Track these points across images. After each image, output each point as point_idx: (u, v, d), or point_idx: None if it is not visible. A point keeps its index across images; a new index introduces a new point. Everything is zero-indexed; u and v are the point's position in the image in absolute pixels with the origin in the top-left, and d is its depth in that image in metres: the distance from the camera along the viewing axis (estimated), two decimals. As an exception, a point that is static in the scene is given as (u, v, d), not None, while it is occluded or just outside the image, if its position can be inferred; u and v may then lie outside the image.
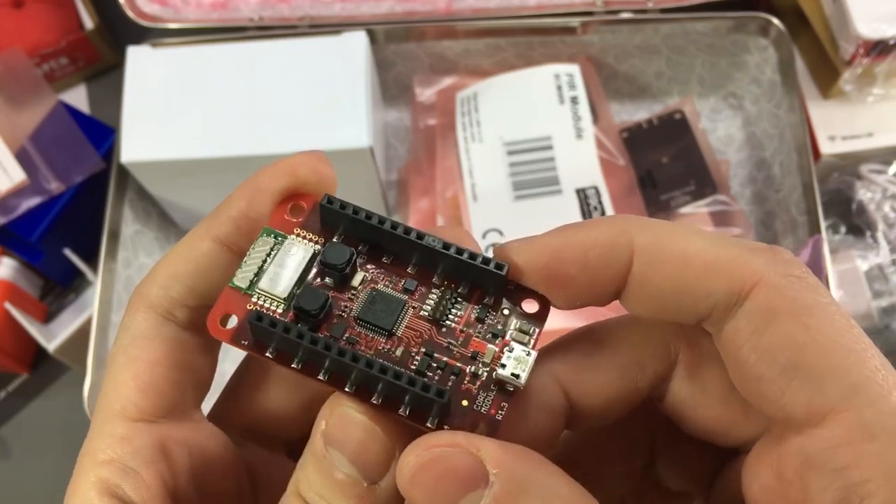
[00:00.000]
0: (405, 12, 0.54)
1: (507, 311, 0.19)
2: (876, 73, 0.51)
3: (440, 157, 0.54)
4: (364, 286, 0.19)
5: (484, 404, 0.18)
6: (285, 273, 0.19)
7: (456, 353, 0.19)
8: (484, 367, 0.18)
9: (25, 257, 0.53)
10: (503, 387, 0.18)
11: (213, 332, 0.18)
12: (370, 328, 0.19)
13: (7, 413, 0.55)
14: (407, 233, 0.19)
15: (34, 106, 0.53)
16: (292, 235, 0.19)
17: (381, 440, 0.18)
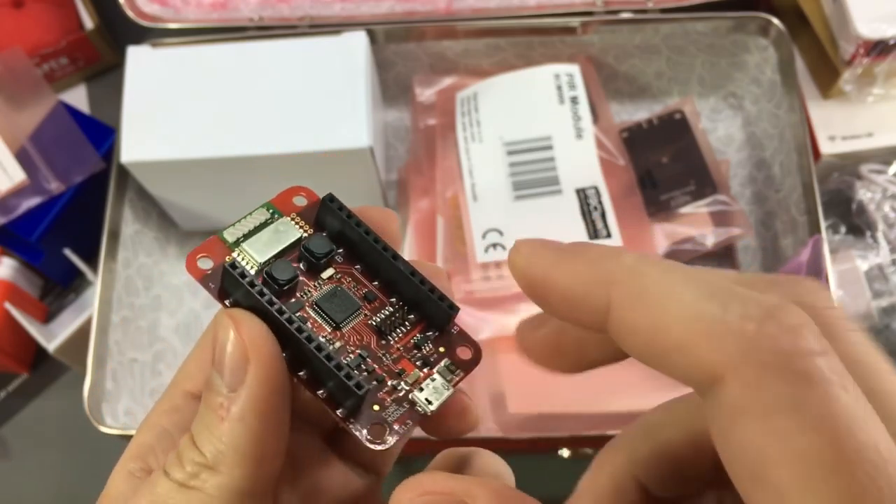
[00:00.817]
0: (405, 12, 0.54)
1: (442, 350, 0.21)
2: (876, 73, 0.51)
3: (440, 157, 0.54)
4: (330, 280, 0.21)
5: (391, 415, 0.19)
6: (270, 245, 0.20)
7: (385, 365, 0.20)
8: (405, 384, 0.20)
9: (25, 257, 0.53)
10: (414, 407, 0.20)
11: (188, 268, 0.20)
12: (322, 316, 0.20)
13: (7, 413, 0.55)
14: (385, 249, 0.21)
15: (34, 106, 0.53)
16: (288, 217, 0.21)
17: (236, 342, 0.18)
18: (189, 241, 0.57)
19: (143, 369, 0.52)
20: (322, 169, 0.49)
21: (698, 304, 0.15)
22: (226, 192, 0.52)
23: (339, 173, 0.49)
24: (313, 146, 0.47)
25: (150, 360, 0.53)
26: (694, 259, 0.50)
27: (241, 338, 0.18)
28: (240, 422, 0.18)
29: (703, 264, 0.50)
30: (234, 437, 0.18)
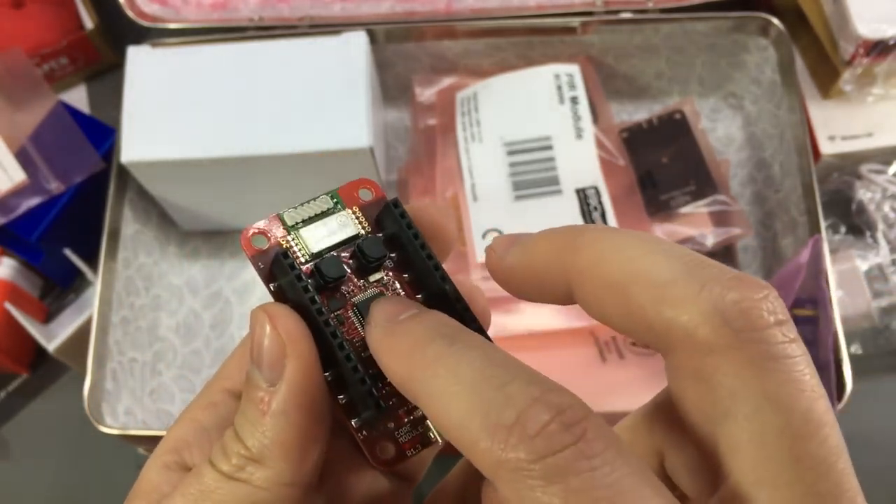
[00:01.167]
0: (405, 12, 0.54)
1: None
2: (876, 73, 0.51)
3: (440, 157, 0.54)
4: (377, 284, 0.20)
5: (403, 436, 0.20)
6: (327, 236, 0.20)
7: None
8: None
9: (25, 257, 0.53)
10: (427, 433, 0.20)
11: (242, 242, 0.20)
12: (360, 319, 0.20)
13: (7, 413, 0.55)
14: (436, 268, 0.20)
15: (34, 106, 0.53)
16: (349, 210, 0.21)
17: (273, 336, 0.18)
18: (189, 241, 0.57)
19: (143, 369, 0.52)
20: (322, 169, 0.49)
21: (661, 268, 0.16)
22: (226, 192, 0.52)
23: (340, 173, 0.49)
24: (313, 146, 0.47)
25: (150, 360, 0.53)
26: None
27: (277, 333, 0.18)
28: (282, 415, 0.18)
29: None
30: (278, 430, 0.18)
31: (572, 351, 0.48)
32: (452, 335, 0.17)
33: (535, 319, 0.48)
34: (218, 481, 0.18)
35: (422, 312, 0.18)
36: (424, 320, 0.18)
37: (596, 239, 0.18)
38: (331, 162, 0.48)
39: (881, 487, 0.50)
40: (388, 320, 0.18)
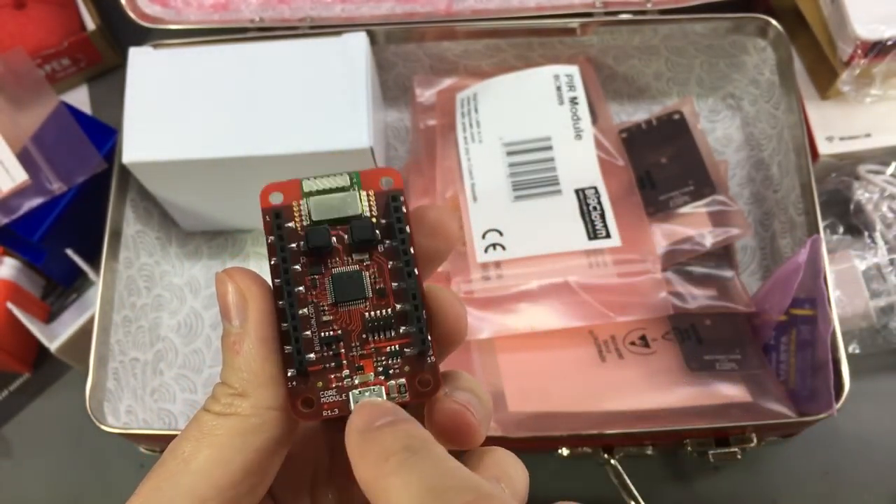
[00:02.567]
0: (405, 13, 0.55)
1: (407, 369, 0.22)
2: (874, 74, 0.52)
3: (440, 157, 0.54)
4: (355, 263, 0.22)
5: (325, 397, 0.22)
6: (333, 209, 0.22)
7: (351, 355, 0.22)
8: (355, 380, 0.22)
9: (27, 257, 0.53)
10: (346, 403, 0.22)
11: (261, 196, 0.22)
12: (331, 289, 0.22)
13: (9, 412, 0.55)
14: (407, 263, 0.22)
15: (36, 106, 0.53)
16: (365, 192, 0.23)
17: (235, 291, 0.21)
18: (190, 241, 0.57)
19: (145, 369, 0.52)
20: (322, 169, 0.49)
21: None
22: (227, 193, 0.52)
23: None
24: (314, 147, 0.47)
25: (151, 360, 0.53)
26: (693, 258, 0.50)
27: (237, 285, 0.22)
28: (252, 348, 0.21)
29: (702, 264, 0.51)
30: (250, 361, 0.21)
31: (571, 350, 0.48)
32: (415, 447, 0.19)
33: (534, 319, 0.48)
34: (213, 419, 0.21)
35: (395, 422, 0.20)
36: (396, 431, 0.20)
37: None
38: (331, 162, 0.48)
39: (880, 487, 0.50)
40: (366, 426, 0.20)
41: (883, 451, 0.51)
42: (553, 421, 0.46)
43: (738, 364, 0.48)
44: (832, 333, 0.45)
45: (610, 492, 0.46)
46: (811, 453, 0.51)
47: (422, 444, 0.19)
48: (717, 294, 0.50)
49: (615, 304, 0.48)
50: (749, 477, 0.50)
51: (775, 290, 0.48)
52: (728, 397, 0.47)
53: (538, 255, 0.49)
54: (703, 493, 0.50)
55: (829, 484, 0.50)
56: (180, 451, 0.21)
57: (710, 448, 0.46)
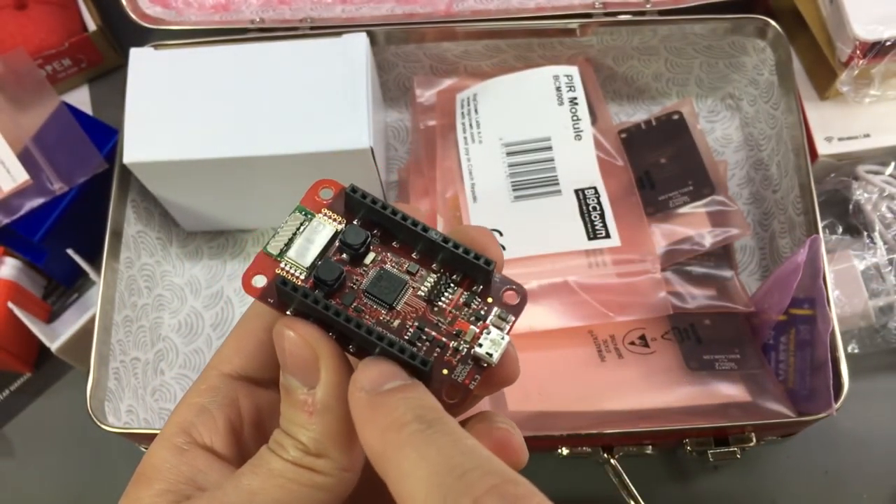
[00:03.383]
0: (405, 14, 0.55)
1: (490, 300, 0.22)
2: (873, 75, 0.52)
3: (440, 157, 0.54)
4: (374, 265, 0.22)
5: (460, 374, 0.21)
6: (311, 247, 0.22)
7: (443, 330, 0.22)
8: (465, 343, 0.22)
9: (29, 257, 0.53)
10: (478, 362, 0.21)
11: (245, 289, 0.21)
12: (375, 300, 0.22)
13: (10, 412, 0.55)
14: (414, 224, 0.22)
15: (37, 107, 0.54)
16: (320, 215, 0.22)
17: (302, 345, 0.21)
18: (191, 241, 0.57)
19: (146, 369, 0.52)
20: (323, 170, 0.49)
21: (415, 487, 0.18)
22: (228, 193, 0.52)
23: (340, 174, 0.49)
24: (314, 147, 0.48)
25: (152, 360, 0.53)
26: (692, 258, 0.51)
27: (305, 341, 0.21)
28: (327, 412, 0.20)
29: (701, 263, 0.51)
30: (326, 425, 0.20)
31: (571, 350, 0.49)
32: (429, 419, 0.18)
33: (534, 319, 0.48)
34: (285, 465, 0.20)
35: (406, 387, 0.19)
36: (407, 399, 0.19)
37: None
38: (332, 162, 0.48)
39: (879, 486, 0.50)
40: (373, 386, 0.19)
41: (882, 451, 0.51)
42: (553, 420, 0.46)
43: (738, 364, 0.48)
44: (831, 333, 0.45)
45: (610, 491, 0.46)
46: (810, 453, 0.51)
47: (437, 416, 0.19)
48: (716, 294, 0.50)
49: (615, 304, 0.48)
50: (748, 476, 0.51)
51: (774, 289, 0.48)
52: (727, 397, 0.47)
53: (538, 255, 0.49)
54: (702, 493, 0.50)
55: (829, 484, 0.50)
56: (245, 485, 0.20)
57: (709, 448, 0.46)
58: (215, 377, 0.23)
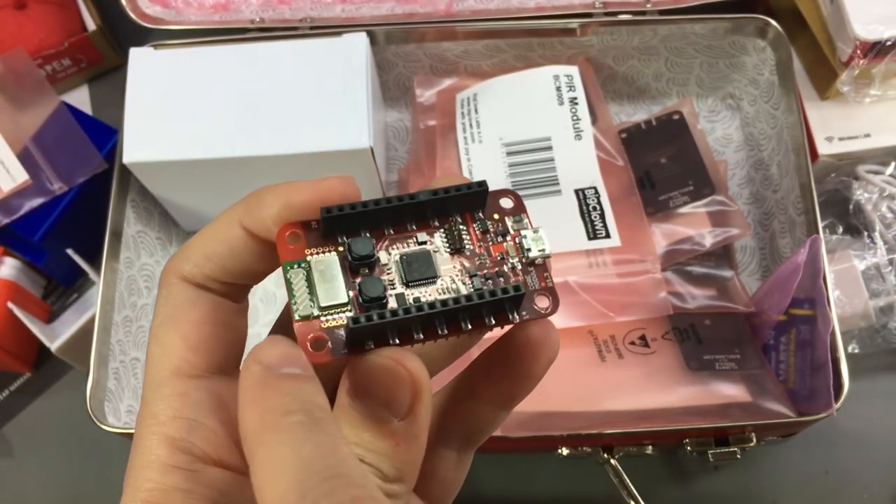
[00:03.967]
0: (405, 14, 0.55)
1: (496, 216, 0.22)
2: (873, 75, 0.52)
3: (440, 157, 0.54)
4: (391, 259, 0.21)
5: (535, 283, 0.21)
6: (335, 283, 0.20)
7: (489, 263, 0.22)
8: (514, 259, 0.22)
9: (28, 257, 0.53)
10: (535, 263, 0.22)
11: (313, 360, 0.19)
12: (421, 283, 0.21)
13: (10, 412, 0.55)
14: (400, 199, 0.21)
15: (37, 107, 0.54)
16: (309, 256, 0.21)
17: (406, 377, 0.19)
18: (191, 241, 0.57)
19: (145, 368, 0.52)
20: (322, 170, 0.49)
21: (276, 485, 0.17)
22: (227, 193, 0.52)
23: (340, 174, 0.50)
24: (314, 147, 0.48)
25: (151, 360, 0.53)
26: (692, 258, 0.50)
27: (410, 375, 0.19)
28: (415, 441, 0.20)
29: (702, 264, 0.51)
30: (412, 454, 0.20)
31: (571, 350, 0.48)
32: (315, 416, 0.18)
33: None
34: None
35: (303, 377, 0.18)
36: (300, 390, 0.18)
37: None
38: (332, 162, 0.48)
39: (879, 486, 0.50)
40: (270, 365, 0.18)
41: (882, 451, 0.51)
42: (553, 421, 0.46)
43: (738, 364, 0.48)
44: (831, 333, 0.45)
45: (610, 492, 0.46)
46: (811, 453, 0.51)
47: (323, 416, 0.18)
48: (716, 294, 0.50)
49: (615, 304, 0.48)
50: (749, 477, 0.51)
51: (775, 289, 0.48)
52: (728, 397, 0.47)
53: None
54: (702, 493, 0.50)
55: (829, 483, 0.50)
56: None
57: (709, 448, 0.46)
58: (181, 386, 0.21)
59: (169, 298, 0.21)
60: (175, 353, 0.21)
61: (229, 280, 0.21)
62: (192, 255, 0.21)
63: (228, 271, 0.21)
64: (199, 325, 0.21)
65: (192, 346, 0.21)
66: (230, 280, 0.22)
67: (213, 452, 0.20)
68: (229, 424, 0.21)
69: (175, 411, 0.20)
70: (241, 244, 0.21)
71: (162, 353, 0.21)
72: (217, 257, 0.21)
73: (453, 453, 0.24)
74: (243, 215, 0.21)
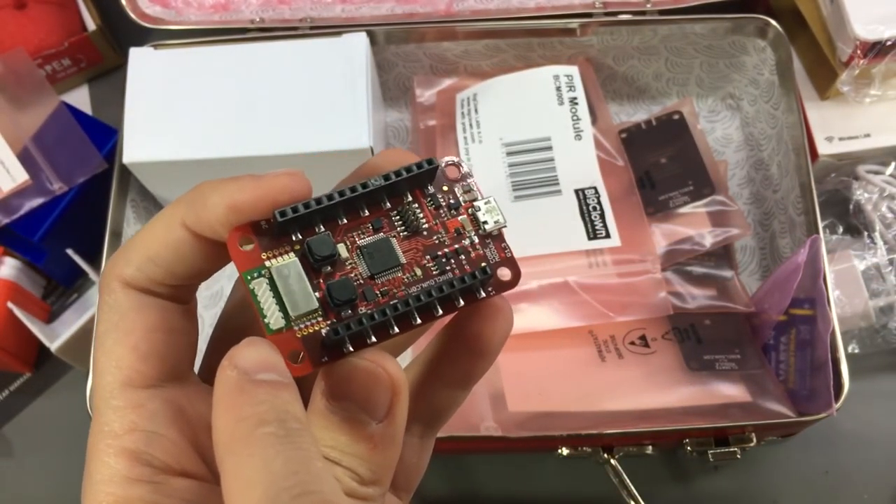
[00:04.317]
0: (405, 14, 0.55)
1: (445, 188, 0.22)
2: (873, 75, 0.52)
3: (440, 157, 0.54)
4: (351, 251, 0.21)
5: (494, 256, 0.21)
6: (302, 289, 0.20)
7: (447, 243, 0.21)
8: (472, 234, 0.22)
9: (28, 257, 0.53)
10: (492, 235, 0.22)
11: (293, 373, 0.19)
12: (386, 272, 0.21)
13: (10, 412, 0.55)
14: (353, 190, 0.21)
15: (37, 107, 0.54)
16: (267, 262, 0.20)
17: (385, 379, 0.19)
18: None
19: (145, 368, 0.52)
20: (322, 169, 0.49)
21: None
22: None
23: (340, 174, 0.49)
24: (314, 147, 0.48)
25: (151, 360, 0.53)
26: (692, 258, 0.50)
27: (389, 377, 0.19)
28: (392, 444, 0.20)
29: (702, 264, 0.51)
30: (388, 456, 0.20)
31: (571, 350, 0.48)
32: (290, 428, 0.17)
33: (534, 319, 0.48)
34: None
35: (279, 385, 0.18)
36: (276, 398, 0.18)
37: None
38: (331, 162, 0.48)
39: (879, 486, 0.50)
40: (246, 371, 0.18)
41: (882, 451, 0.51)
42: (553, 421, 0.46)
43: (738, 364, 0.48)
44: (831, 333, 0.45)
45: (610, 492, 0.46)
46: (811, 453, 0.51)
47: (298, 427, 0.18)
48: (716, 294, 0.50)
49: (615, 304, 0.48)
50: (749, 477, 0.50)
51: (775, 289, 0.48)
52: (728, 397, 0.47)
53: (538, 255, 0.49)
54: (702, 493, 0.50)
55: (829, 483, 0.50)
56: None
57: (709, 448, 0.46)
58: (134, 397, 0.20)
59: (114, 306, 0.20)
60: (126, 364, 0.20)
61: (176, 283, 0.21)
62: (134, 258, 0.20)
63: (175, 274, 0.20)
64: (148, 334, 0.20)
65: (142, 355, 0.20)
66: (177, 283, 0.21)
67: (175, 463, 0.20)
68: (189, 433, 0.20)
69: (131, 423, 0.20)
70: (185, 246, 0.20)
71: (111, 363, 0.20)
72: (161, 260, 0.20)
73: (415, 439, 0.24)
74: (186, 215, 0.20)
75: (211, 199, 0.19)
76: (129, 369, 0.20)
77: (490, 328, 0.22)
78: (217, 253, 0.20)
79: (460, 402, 0.24)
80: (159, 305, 0.21)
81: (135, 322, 0.20)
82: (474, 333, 0.22)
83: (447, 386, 0.23)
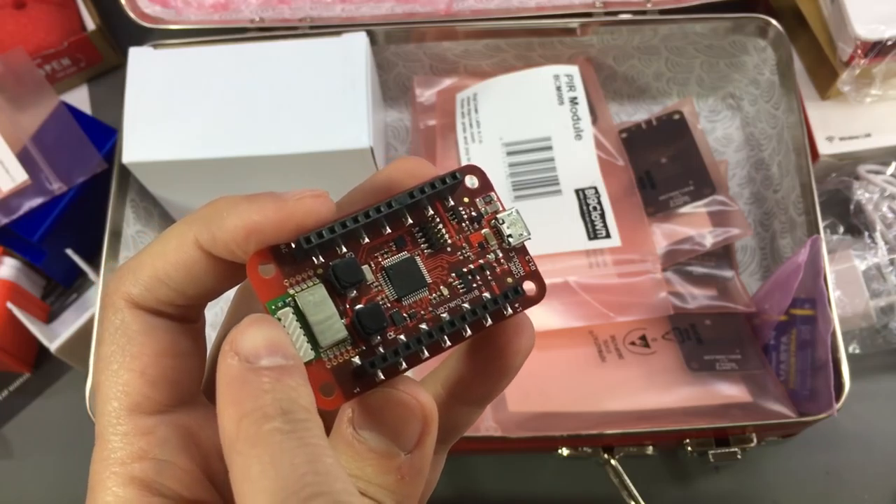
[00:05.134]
0: (405, 13, 0.55)
1: (466, 200, 0.21)
2: (874, 74, 0.52)
3: (440, 157, 0.54)
4: (376, 274, 0.20)
5: (519, 270, 0.21)
6: (330, 318, 0.19)
7: (473, 258, 0.21)
8: (497, 249, 0.21)
9: (27, 257, 0.53)
10: (519, 248, 0.22)
11: (324, 407, 0.18)
12: (413, 294, 0.20)
13: (9, 412, 0.55)
14: (378, 211, 0.20)
15: (36, 106, 0.53)
16: (291, 290, 0.19)
17: (418, 410, 0.19)
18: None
19: (145, 369, 0.52)
20: (322, 169, 0.49)
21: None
22: (227, 193, 0.52)
23: (340, 174, 0.50)
24: (314, 147, 0.48)
25: (151, 360, 0.53)
26: (693, 258, 0.50)
27: (422, 409, 0.19)
28: (420, 476, 0.19)
29: (702, 264, 0.51)
30: (415, 487, 0.19)
31: (572, 351, 0.48)
32: (295, 419, 0.17)
33: (534, 319, 0.48)
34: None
35: (284, 370, 0.17)
36: (280, 385, 0.17)
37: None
38: (331, 162, 0.48)
39: (880, 487, 0.50)
40: (248, 358, 0.17)
41: (883, 451, 0.51)
42: (553, 421, 0.46)
43: (738, 364, 0.48)
44: (832, 333, 0.45)
45: (610, 492, 0.46)
46: (811, 453, 0.51)
47: (305, 417, 0.17)
48: (717, 294, 0.50)
49: (615, 304, 0.48)
50: (749, 477, 0.50)
51: (775, 290, 0.48)
52: (728, 397, 0.47)
53: (538, 255, 0.49)
54: (703, 493, 0.50)
55: (830, 484, 0.50)
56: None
57: (710, 448, 0.46)
58: (143, 423, 0.19)
59: (120, 327, 0.19)
60: (134, 390, 0.19)
61: (186, 303, 0.20)
62: (142, 277, 0.19)
63: (185, 295, 0.19)
64: (157, 358, 0.19)
65: (151, 381, 0.19)
66: (187, 303, 0.20)
67: (187, 493, 0.19)
68: (200, 459, 0.20)
69: (140, 451, 0.19)
70: (198, 266, 0.19)
71: (117, 389, 0.19)
72: (172, 281, 0.19)
73: None
74: (201, 234, 0.19)
75: (229, 220, 0.19)
76: (138, 395, 0.19)
77: (515, 345, 0.21)
78: (231, 273, 0.20)
79: (476, 418, 0.24)
80: (168, 328, 0.20)
81: (143, 346, 0.19)
82: (498, 352, 0.21)
83: (466, 404, 0.23)
